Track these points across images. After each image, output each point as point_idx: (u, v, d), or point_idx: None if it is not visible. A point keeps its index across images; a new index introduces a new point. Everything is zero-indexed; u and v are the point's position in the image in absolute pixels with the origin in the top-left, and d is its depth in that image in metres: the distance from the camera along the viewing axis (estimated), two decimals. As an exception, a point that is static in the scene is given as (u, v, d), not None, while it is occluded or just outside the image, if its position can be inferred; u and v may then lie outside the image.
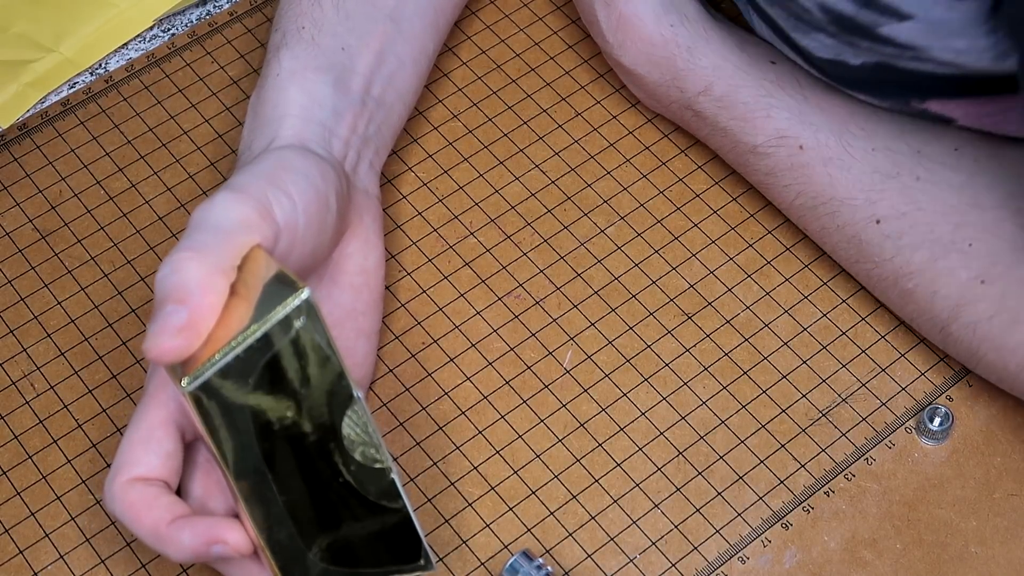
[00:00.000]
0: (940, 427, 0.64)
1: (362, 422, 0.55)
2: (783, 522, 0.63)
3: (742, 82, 0.67)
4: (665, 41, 0.68)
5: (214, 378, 0.52)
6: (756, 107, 0.66)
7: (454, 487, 0.64)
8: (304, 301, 0.52)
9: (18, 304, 0.70)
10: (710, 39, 0.68)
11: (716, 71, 0.67)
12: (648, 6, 0.68)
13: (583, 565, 0.62)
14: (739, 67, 0.67)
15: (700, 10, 0.69)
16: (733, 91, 0.67)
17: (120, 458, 0.56)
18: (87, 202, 0.73)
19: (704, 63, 0.68)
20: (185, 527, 0.54)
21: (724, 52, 0.68)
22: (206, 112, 0.76)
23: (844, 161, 0.64)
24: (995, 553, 0.62)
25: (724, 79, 0.67)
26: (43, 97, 0.77)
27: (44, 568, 0.62)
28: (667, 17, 0.68)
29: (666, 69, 0.69)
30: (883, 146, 0.64)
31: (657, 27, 0.68)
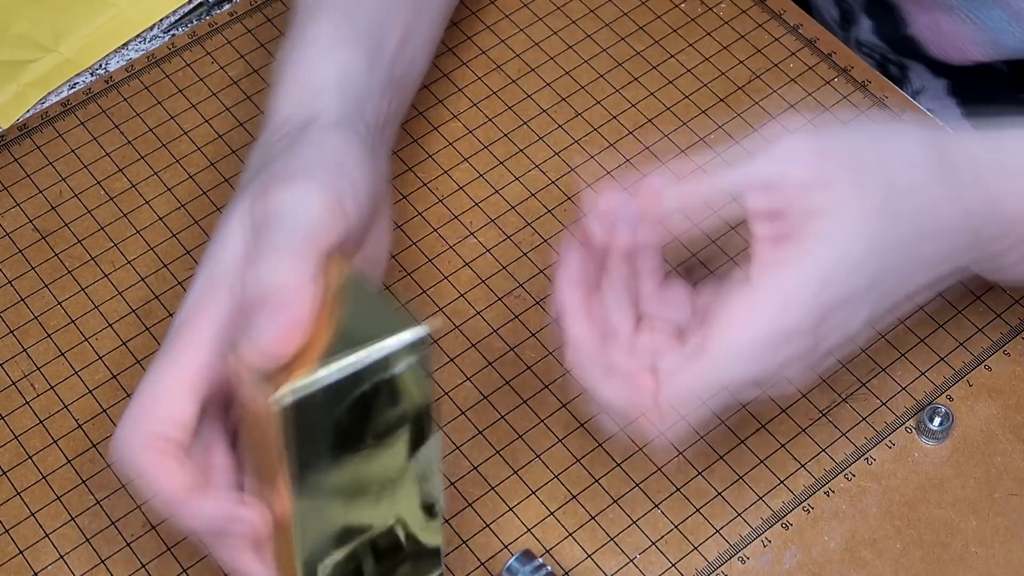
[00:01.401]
0: (940, 427, 0.64)
1: (428, 459, 0.54)
2: (783, 522, 0.63)
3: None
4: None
5: (308, 395, 0.50)
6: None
7: (454, 487, 0.64)
8: (422, 339, 0.51)
9: (18, 304, 0.70)
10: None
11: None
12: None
13: (583, 565, 0.62)
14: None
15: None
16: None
17: (140, 408, 0.54)
18: (87, 202, 0.73)
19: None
20: (210, 498, 0.53)
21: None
22: (206, 112, 0.76)
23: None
24: (995, 553, 0.62)
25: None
26: (43, 97, 0.77)
27: (44, 568, 0.62)
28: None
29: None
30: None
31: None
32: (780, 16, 0.79)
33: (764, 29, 0.78)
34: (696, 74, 0.77)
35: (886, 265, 0.56)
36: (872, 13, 0.83)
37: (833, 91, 0.76)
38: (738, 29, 0.78)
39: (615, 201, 0.55)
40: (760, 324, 0.54)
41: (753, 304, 0.54)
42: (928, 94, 0.84)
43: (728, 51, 0.78)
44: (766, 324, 0.54)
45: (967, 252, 0.59)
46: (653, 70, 0.77)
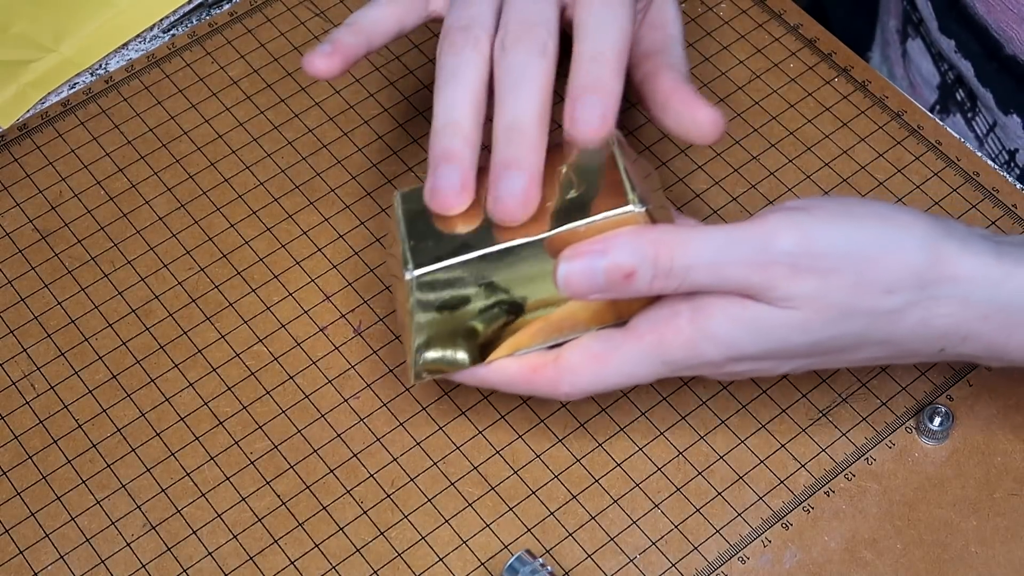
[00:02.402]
0: (940, 427, 0.64)
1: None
2: (783, 522, 0.63)
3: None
4: None
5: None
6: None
7: (454, 487, 0.64)
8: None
9: (18, 304, 0.70)
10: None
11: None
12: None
13: (583, 565, 0.62)
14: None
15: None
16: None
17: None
18: (87, 202, 0.73)
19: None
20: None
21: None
22: (206, 112, 0.76)
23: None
24: (995, 553, 0.62)
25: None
26: (43, 97, 0.77)
27: (44, 568, 0.62)
28: None
29: None
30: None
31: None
32: (780, 16, 0.79)
33: (764, 29, 0.78)
34: (696, 74, 0.77)
35: (818, 348, 0.58)
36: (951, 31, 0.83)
37: (833, 91, 0.76)
38: (738, 29, 0.78)
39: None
40: (663, 356, 0.58)
41: (664, 336, 0.57)
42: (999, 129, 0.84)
43: (728, 51, 0.78)
44: (670, 357, 0.58)
45: (934, 358, 0.60)
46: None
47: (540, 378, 0.59)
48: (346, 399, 0.67)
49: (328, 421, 0.66)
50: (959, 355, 0.59)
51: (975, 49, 0.82)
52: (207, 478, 0.64)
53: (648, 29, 0.64)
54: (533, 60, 0.58)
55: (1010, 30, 0.79)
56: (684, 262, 0.55)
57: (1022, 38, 0.78)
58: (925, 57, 0.87)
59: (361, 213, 0.72)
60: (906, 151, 0.74)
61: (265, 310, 0.69)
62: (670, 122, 0.61)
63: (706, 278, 0.55)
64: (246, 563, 0.62)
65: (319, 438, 0.66)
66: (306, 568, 0.62)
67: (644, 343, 0.58)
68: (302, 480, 0.64)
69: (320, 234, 0.72)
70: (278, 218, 0.72)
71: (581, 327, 0.59)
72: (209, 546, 0.63)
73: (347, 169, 0.74)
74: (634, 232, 0.56)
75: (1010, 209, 0.71)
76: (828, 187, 0.72)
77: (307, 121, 0.76)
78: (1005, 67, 0.80)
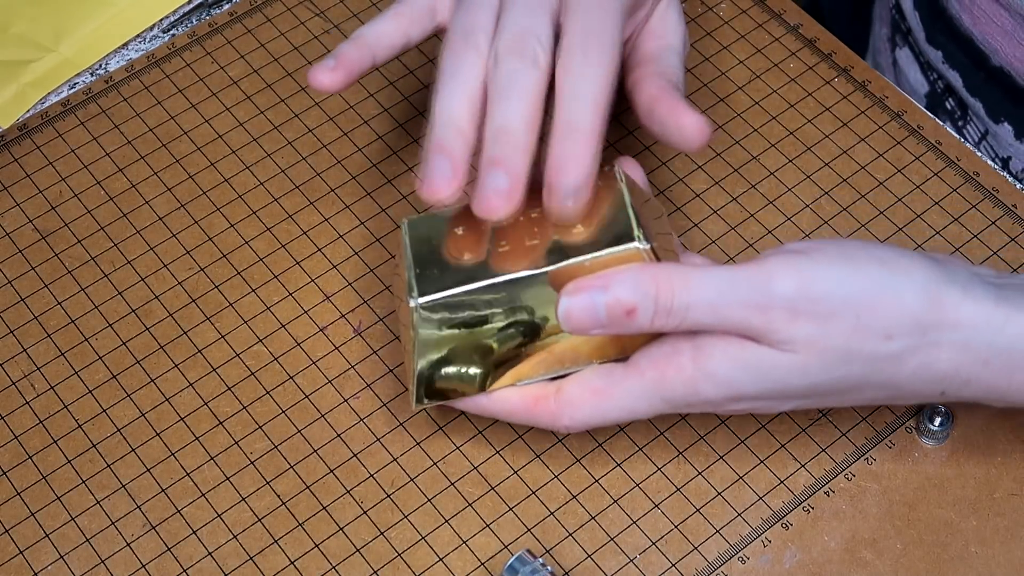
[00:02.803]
0: (940, 427, 0.64)
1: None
2: (783, 522, 0.63)
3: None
4: None
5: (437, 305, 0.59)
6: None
7: (454, 487, 0.64)
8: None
9: (18, 304, 0.70)
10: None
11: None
12: None
13: (583, 565, 0.62)
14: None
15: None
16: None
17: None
18: (87, 202, 0.73)
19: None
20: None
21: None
22: (206, 112, 0.76)
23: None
24: (995, 553, 0.62)
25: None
26: (43, 97, 0.77)
27: (44, 568, 0.62)
28: None
29: None
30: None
31: None
32: (780, 16, 0.79)
33: (764, 29, 0.78)
34: (696, 74, 0.77)
35: (817, 390, 0.58)
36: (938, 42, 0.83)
37: (833, 91, 0.76)
38: (738, 29, 0.78)
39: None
40: (665, 395, 0.58)
41: (665, 373, 0.58)
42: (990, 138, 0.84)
43: (728, 51, 0.78)
44: (671, 396, 0.58)
45: (936, 399, 0.60)
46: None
47: (541, 410, 0.60)
48: (346, 399, 0.67)
49: (328, 421, 0.66)
50: (960, 398, 0.59)
51: (963, 60, 0.82)
52: (207, 478, 0.64)
53: (647, 36, 0.65)
54: (524, 70, 0.59)
55: (995, 42, 0.79)
56: (685, 300, 0.55)
57: (1007, 50, 0.78)
58: (914, 66, 0.87)
59: (361, 213, 0.72)
60: (906, 151, 0.74)
61: (265, 310, 0.69)
62: (656, 128, 0.62)
63: (706, 317, 0.56)
64: (246, 563, 0.62)
65: (319, 438, 0.66)
66: (306, 568, 0.62)
67: (645, 379, 0.58)
68: (302, 480, 0.64)
69: (320, 234, 0.72)
70: (278, 218, 0.72)
71: (583, 360, 0.60)
72: (209, 546, 0.63)
73: (347, 169, 0.74)
74: (637, 269, 0.56)
75: (1010, 209, 0.71)
76: (828, 187, 0.72)
77: (307, 121, 0.76)
78: (993, 77, 0.81)
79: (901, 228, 0.71)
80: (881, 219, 0.71)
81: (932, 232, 0.71)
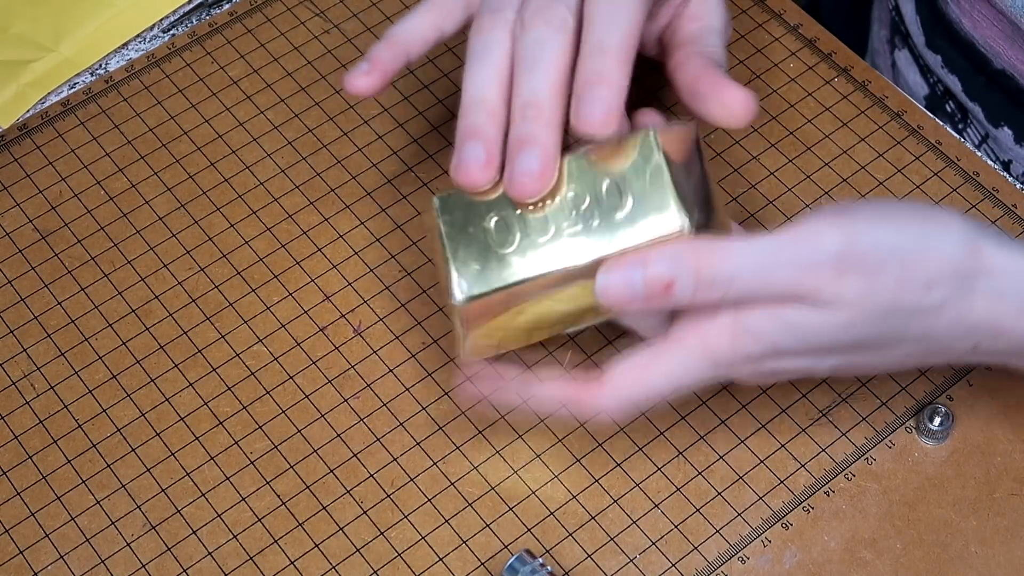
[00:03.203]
0: (940, 427, 0.64)
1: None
2: (783, 522, 0.63)
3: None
4: None
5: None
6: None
7: (454, 487, 0.64)
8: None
9: (18, 304, 0.70)
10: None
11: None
12: None
13: (583, 565, 0.62)
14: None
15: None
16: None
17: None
18: (87, 202, 0.73)
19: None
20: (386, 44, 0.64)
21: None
22: (206, 112, 0.76)
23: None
24: (995, 553, 0.62)
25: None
26: (43, 97, 0.77)
27: (44, 568, 0.62)
28: None
29: None
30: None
31: None
32: (780, 16, 0.79)
33: (764, 29, 0.78)
34: (696, 74, 0.77)
35: (858, 345, 0.57)
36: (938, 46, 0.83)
37: (833, 91, 0.76)
38: (738, 29, 0.78)
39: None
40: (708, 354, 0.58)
41: (707, 335, 0.57)
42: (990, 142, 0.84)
43: (728, 51, 0.78)
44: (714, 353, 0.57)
45: (966, 356, 0.60)
46: (653, 70, 0.77)
47: (586, 394, 0.59)
48: (346, 399, 0.67)
49: (328, 421, 0.66)
50: (992, 353, 0.59)
51: (962, 64, 0.82)
52: (207, 478, 0.64)
53: (687, 20, 0.65)
54: (550, 35, 0.58)
55: (997, 46, 0.79)
56: (728, 270, 0.55)
57: (1009, 54, 0.78)
58: (912, 68, 0.87)
59: (361, 213, 0.72)
60: (906, 151, 0.74)
61: (265, 310, 0.69)
62: (699, 107, 0.61)
63: (752, 285, 0.55)
64: (246, 563, 0.62)
65: (319, 438, 0.66)
66: (306, 568, 0.62)
67: (688, 344, 0.57)
68: (302, 480, 0.64)
69: (320, 234, 0.72)
70: (278, 218, 0.72)
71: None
72: (209, 546, 0.63)
73: (347, 169, 0.74)
74: (676, 244, 0.56)
75: (1010, 209, 0.71)
76: (828, 187, 0.72)
77: (307, 121, 0.76)
78: (993, 81, 0.81)
79: (901, 228, 0.71)
80: (881, 219, 0.71)
81: (932, 232, 0.71)
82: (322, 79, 0.77)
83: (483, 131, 0.58)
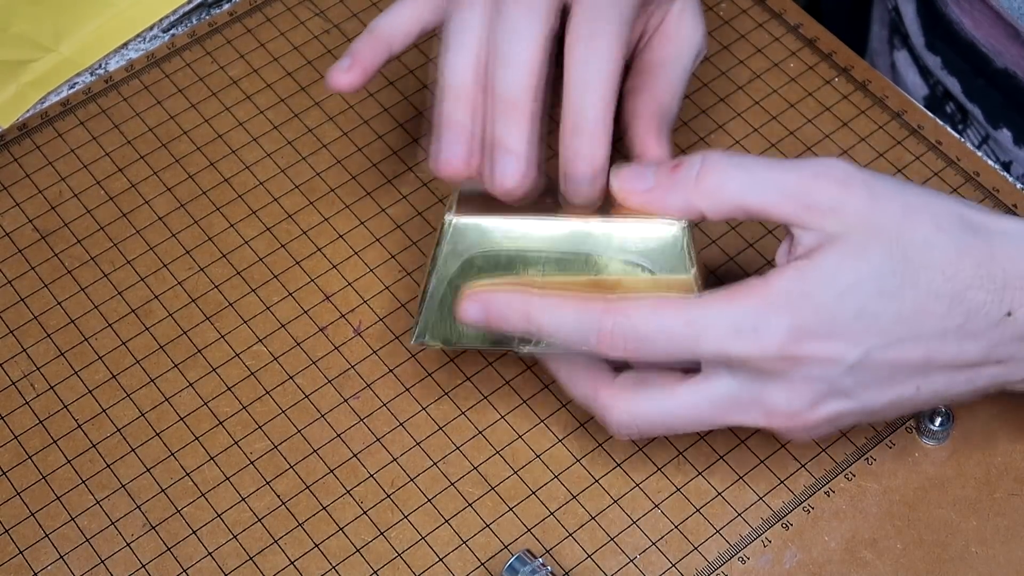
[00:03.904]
0: (940, 427, 0.64)
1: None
2: (783, 522, 0.63)
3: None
4: None
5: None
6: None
7: (454, 487, 0.64)
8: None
9: (18, 304, 0.70)
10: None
11: None
12: None
13: (583, 565, 0.62)
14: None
15: None
16: None
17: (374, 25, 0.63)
18: (87, 202, 0.73)
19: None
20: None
21: None
22: (206, 112, 0.76)
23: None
24: (995, 553, 0.62)
25: None
26: (43, 97, 0.77)
27: (44, 568, 0.62)
28: None
29: None
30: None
31: None
32: (780, 16, 0.79)
33: (764, 29, 0.78)
34: (696, 74, 0.77)
35: (885, 309, 0.54)
36: (937, 48, 0.83)
37: (833, 91, 0.76)
38: (738, 29, 0.78)
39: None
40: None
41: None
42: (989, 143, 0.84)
43: (728, 51, 0.78)
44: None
45: (1010, 345, 0.56)
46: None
47: (605, 393, 0.58)
48: (346, 399, 0.67)
49: (328, 421, 0.66)
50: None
51: (962, 66, 0.82)
52: (207, 478, 0.64)
53: (660, 39, 0.64)
54: (526, 22, 0.57)
55: (999, 45, 0.79)
56: (733, 183, 0.56)
57: (1011, 52, 0.78)
58: (912, 69, 0.87)
59: (361, 213, 0.72)
60: (906, 151, 0.74)
61: (265, 310, 0.69)
62: (625, 140, 0.62)
63: (756, 194, 0.55)
64: (246, 563, 0.62)
65: (319, 438, 0.66)
66: (306, 568, 0.62)
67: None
68: (302, 480, 0.64)
69: (320, 234, 0.72)
70: (278, 218, 0.72)
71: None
72: (209, 546, 0.63)
73: (347, 169, 0.74)
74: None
75: (1010, 209, 0.71)
76: (828, 187, 0.72)
77: (307, 121, 0.76)
78: (993, 82, 0.80)
79: (901, 228, 0.71)
80: (881, 219, 0.71)
81: (932, 232, 0.71)
82: (322, 79, 0.77)
83: (461, 120, 0.58)
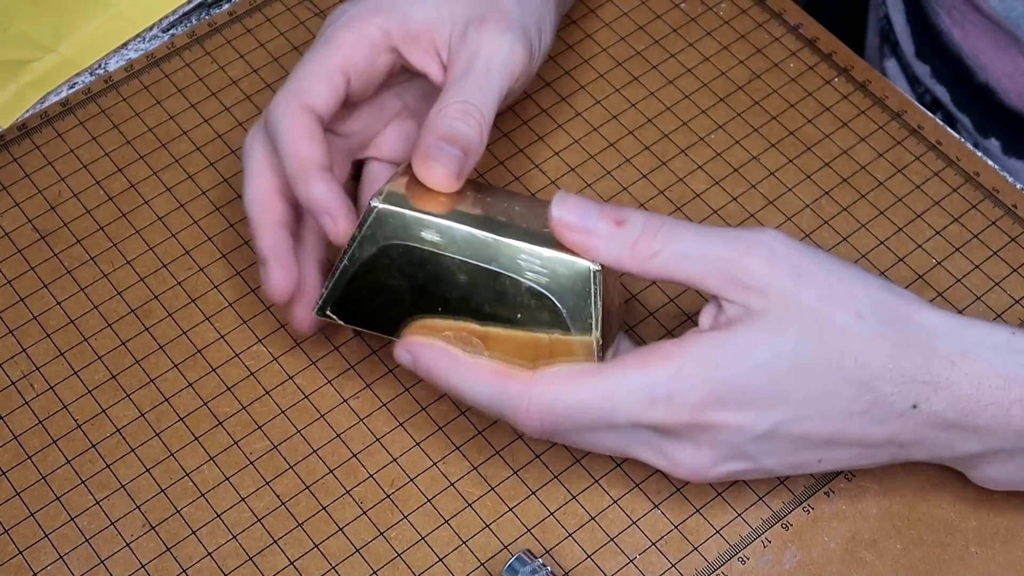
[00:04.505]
0: (940, 427, 0.64)
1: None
2: (783, 522, 0.63)
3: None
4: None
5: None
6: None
7: (454, 487, 0.64)
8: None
9: (18, 304, 0.70)
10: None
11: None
12: None
13: (583, 565, 0.62)
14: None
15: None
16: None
17: (297, 84, 0.62)
18: (87, 202, 0.73)
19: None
20: (324, 182, 0.60)
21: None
22: (206, 112, 0.76)
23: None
24: (995, 553, 0.62)
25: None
26: (43, 97, 0.77)
27: (44, 568, 0.62)
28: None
29: None
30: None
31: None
32: (780, 16, 0.79)
33: (764, 29, 0.78)
34: (696, 74, 0.77)
35: (796, 386, 0.56)
36: (926, 57, 0.83)
37: (833, 91, 0.76)
38: (738, 29, 0.79)
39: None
40: (644, 379, 0.56)
41: (648, 361, 0.56)
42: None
43: (728, 51, 0.78)
44: (648, 380, 0.56)
45: (913, 433, 0.58)
46: (653, 70, 0.77)
47: (512, 384, 0.58)
48: (346, 399, 0.67)
49: (328, 421, 0.66)
50: (931, 414, 0.57)
51: (949, 76, 0.82)
52: (207, 478, 0.64)
53: (460, 54, 0.64)
54: (251, 147, 0.64)
55: (984, 58, 0.79)
56: (669, 235, 0.57)
57: (996, 66, 0.78)
58: (900, 77, 0.87)
59: (361, 213, 0.72)
60: (906, 151, 0.74)
61: (265, 310, 0.69)
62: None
63: (681, 261, 0.57)
64: (246, 563, 0.62)
65: (319, 438, 0.66)
66: (306, 568, 0.62)
67: (628, 366, 0.57)
68: (302, 480, 0.64)
69: (320, 234, 0.72)
70: (278, 218, 0.72)
71: (500, 353, 0.59)
72: (209, 546, 0.63)
73: (347, 169, 0.74)
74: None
75: (1010, 209, 0.71)
76: (828, 187, 0.72)
77: (307, 121, 0.76)
78: (978, 95, 0.81)
79: (901, 228, 0.71)
80: (881, 219, 0.71)
81: (932, 232, 0.71)
82: (322, 79, 0.77)
83: (280, 252, 0.63)
